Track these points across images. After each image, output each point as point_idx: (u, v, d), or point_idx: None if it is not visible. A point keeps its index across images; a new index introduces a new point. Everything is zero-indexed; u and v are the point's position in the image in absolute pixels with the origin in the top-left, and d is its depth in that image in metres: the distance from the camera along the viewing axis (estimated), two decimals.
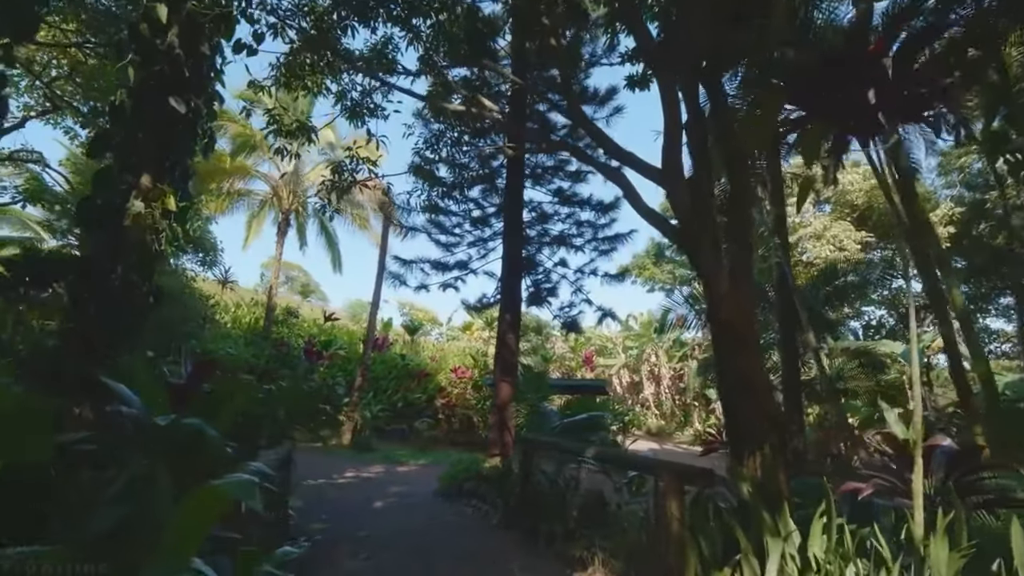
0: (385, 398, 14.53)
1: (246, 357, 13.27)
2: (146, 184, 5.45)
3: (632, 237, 9.62)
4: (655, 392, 23.23)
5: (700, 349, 23.96)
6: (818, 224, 17.98)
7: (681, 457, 15.04)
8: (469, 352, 18.94)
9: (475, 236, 10.37)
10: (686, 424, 22.31)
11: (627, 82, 8.47)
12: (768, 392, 4.10)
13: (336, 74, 7.65)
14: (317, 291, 43.38)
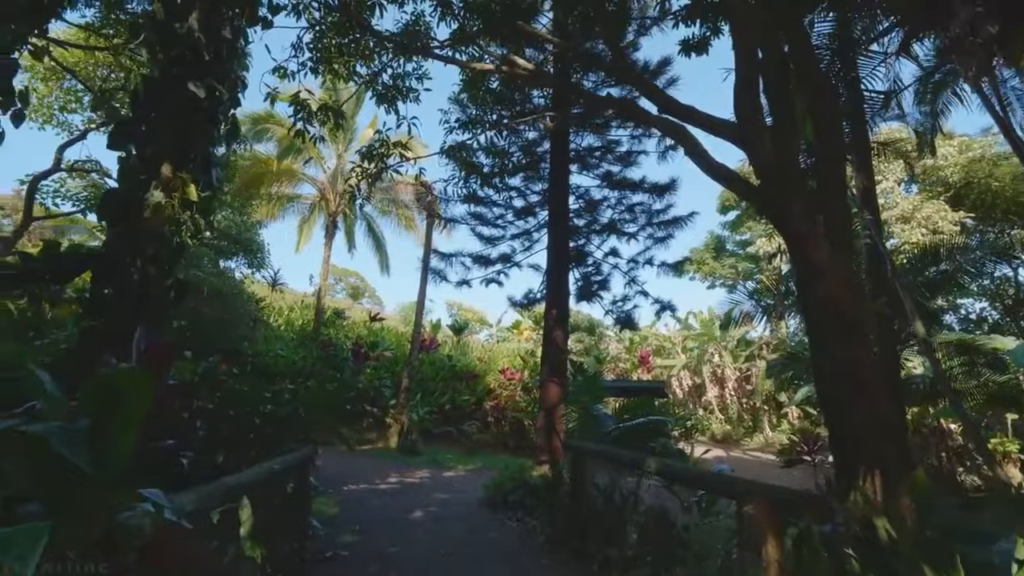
0: (432, 400, 14.14)
1: (294, 359, 13.27)
2: (166, 174, 5.20)
3: (692, 221, 8.62)
4: (719, 395, 21.65)
5: (768, 348, 22.16)
6: (906, 205, 15.98)
7: (752, 467, 13.69)
8: (518, 353, 18.30)
9: (519, 227, 9.72)
10: (755, 430, 20.62)
11: (681, 47, 7.57)
12: (883, 391, 3.15)
13: (366, 57, 7.25)
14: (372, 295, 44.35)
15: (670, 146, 9.17)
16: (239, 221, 12.76)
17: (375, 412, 12.76)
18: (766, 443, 19.83)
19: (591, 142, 9.40)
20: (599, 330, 25.62)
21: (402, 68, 7.80)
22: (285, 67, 6.14)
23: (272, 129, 14.44)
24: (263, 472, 3.02)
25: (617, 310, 9.38)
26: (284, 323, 17.35)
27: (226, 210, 14.42)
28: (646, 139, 9.22)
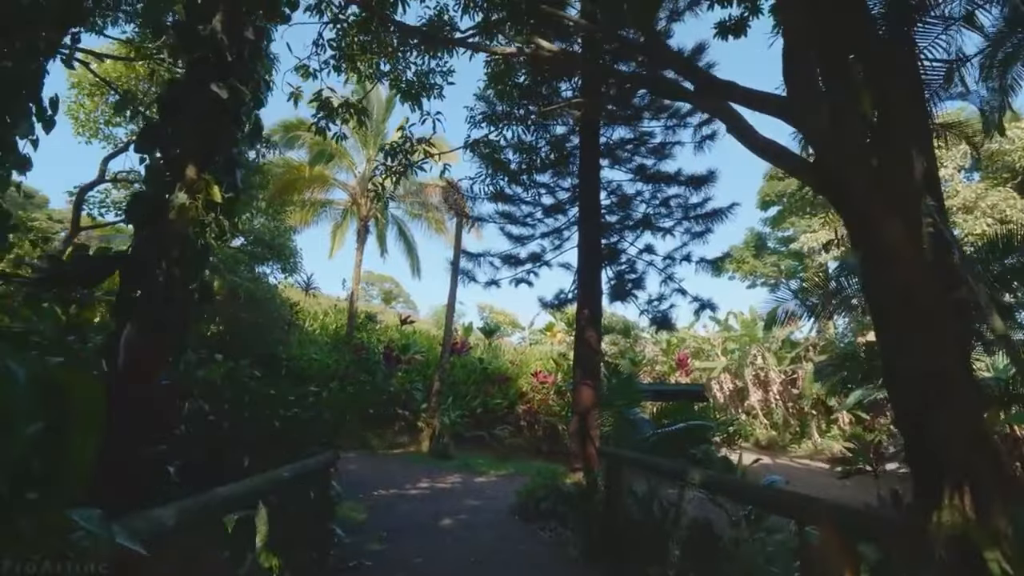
0: (464, 403, 13.96)
1: (328, 362, 13.36)
2: (190, 175, 5.18)
3: (733, 213, 8.12)
4: (763, 399, 20.67)
5: (816, 350, 21.04)
6: (968, 193, 14.82)
7: (802, 476, 12.90)
8: (551, 355, 17.94)
9: (548, 226, 9.43)
10: (802, 436, 19.56)
11: (717, 31, 7.14)
12: (975, 392, 2.71)
13: (389, 55, 7.14)
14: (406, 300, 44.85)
15: (707, 136, 8.72)
16: (272, 227, 12.98)
17: (406, 416, 12.68)
18: (815, 450, 18.77)
19: (622, 135, 9.03)
20: (634, 332, 24.95)
21: (426, 64, 7.68)
22: (307, 65, 6.07)
23: (303, 136, 14.65)
24: (266, 481, 2.81)
25: (653, 310, 8.94)
26: (319, 327, 17.58)
27: (261, 217, 14.72)
28: (681, 129, 8.79)
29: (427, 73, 7.60)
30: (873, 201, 2.76)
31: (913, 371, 2.69)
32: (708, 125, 8.61)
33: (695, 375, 20.62)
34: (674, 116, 8.98)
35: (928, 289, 2.72)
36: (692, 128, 8.64)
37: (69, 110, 11.55)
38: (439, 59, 7.73)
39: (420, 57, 7.60)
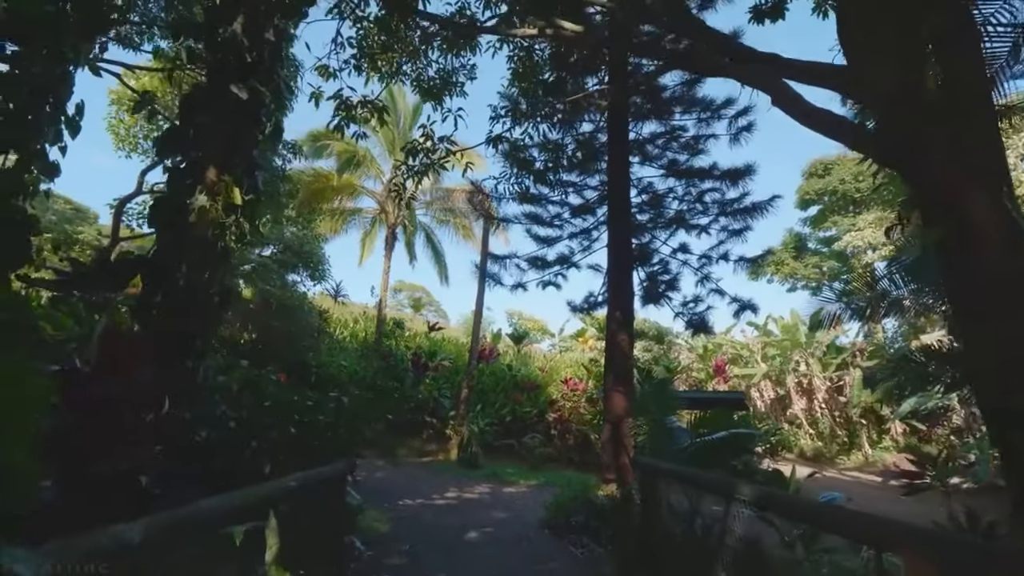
0: (493, 411, 13.70)
1: (356, 369, 13.33)
2: (211, 178, 5.14)
3: (773, 207, 7.61)
4: (807, 408, 19.64)
5: (863, 355, 19.88)
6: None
7: (852, 489, 12.06)
8: (582, 362, 17.51)
9: (576, 226, 9.12)
10: (851, 447, 18.44)
11: (752, 15, 6.73)
12: None
13: (410, 53, 7.02)
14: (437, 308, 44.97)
15: (743, 128, 8.25)
16: (301, 235, 13.11)
17: (434, 424, 12.49)
18: (866, 462, 17.66)
19: (652, 129, 8.66)
20: (668, 338, 24.22)
21: (449, 63, 7.54)
22: (327, 65, 5.99)
23: (331, 145, 14.84)
24: (267, 492, 2.59)
25: (688, 312, 8.49)
26: (349, 335, 17.67)
27: (292, 226, 14.91)
28: (715, 122, 8.35)
29: (450, 72, 7.48)
30: (954, 172, 2.37)
31: (1008, 366, 2.27)
32: (744, 116, 8.16)
33: (733, 382, 19.77)
34: (707, 109, 8.56)
35: (1021, 272, 2.30)
36: (727, 120, 8.19)
37: (110, 126, 11.96)
38: (462, 57, 7.61)
39: (443, 56, 7.49)
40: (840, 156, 22.70)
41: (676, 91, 8.51)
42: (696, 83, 8.42)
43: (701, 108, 8.62)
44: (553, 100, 8.19)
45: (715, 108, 8.46)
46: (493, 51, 7.76)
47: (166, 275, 4.72)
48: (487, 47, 7.70)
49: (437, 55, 7.36)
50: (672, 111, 8.87)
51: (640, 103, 8.78)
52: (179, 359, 4.65)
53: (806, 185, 22.60)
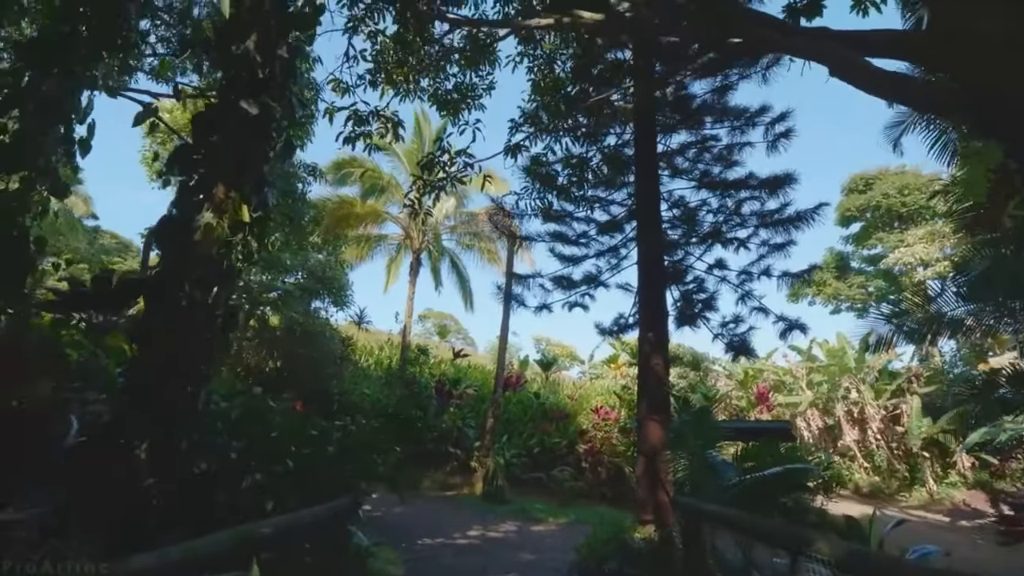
0: (520, 442, 13.05)
1: (379, 397, 12.99)
2: (219, 195, 4.96)
3: (820, 216, 6.98)
4: (860, 439, 18.20)
5: (920, 380, 18.43)
6: None
7: (919, 529, 10.84)
8: (613, 390, 16.72)
9: (603, 244, 8.66)
10: (912, 482, 16.89)
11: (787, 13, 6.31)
12: None
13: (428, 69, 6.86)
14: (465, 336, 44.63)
15: (780, 135, 7.74)
16: (325, 261, 13.06)
17: (459, 455, 11.94)
18: (931, 499, 16.11)
19: (682, 140, 8.22)
20: (704, 364, 23.12)
21: (469, 78, 7.36)
22: (339, 79, 5.84)
23: (356, 172, 14.93)
24: (245, 536, 2.18)
25: (728, 334, 7.83)
26: (374, 362, 17.43)
27: (319, 253, 14.93)
28: (749, 129, 7.86)
29: (469, 87, 7.28)
30: None
31: None
32: (781, 122, 7.66)
33: (777, 411, 18.54)
34: (740, 117, 8.09)
35: None
36: (763, 127, 7.70)
37: (143, 159, 12.30)
38: (481, 72, 7.42)
39: (462, 72, 7.31)
40: (881, 170, 21.65)
41: (706, 99, 8.09)
42: (727, 90, 7.99)
43: (734, 116, 8.16)
44: (575, 112, 7.89)
45: (749, 116, 7.98)
46: (513, 65, 7.57)
47: (168, 295, 4.50)
48: (507, 61, 7.52)
49: (456, 70, 7.20)
50: (702, 121, 8.44)
51: (668, 114, 8.40)
52: (179, 384, 4.36)
53: (846, 201, 21.54)
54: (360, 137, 6.00)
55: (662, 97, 8.00)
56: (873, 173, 21.24)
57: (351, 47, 5.88)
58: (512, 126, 6.55)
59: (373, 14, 5.92)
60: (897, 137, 8.18)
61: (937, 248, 18.19)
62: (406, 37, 6.30)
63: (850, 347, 19.13)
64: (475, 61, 7.25)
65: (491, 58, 7.40)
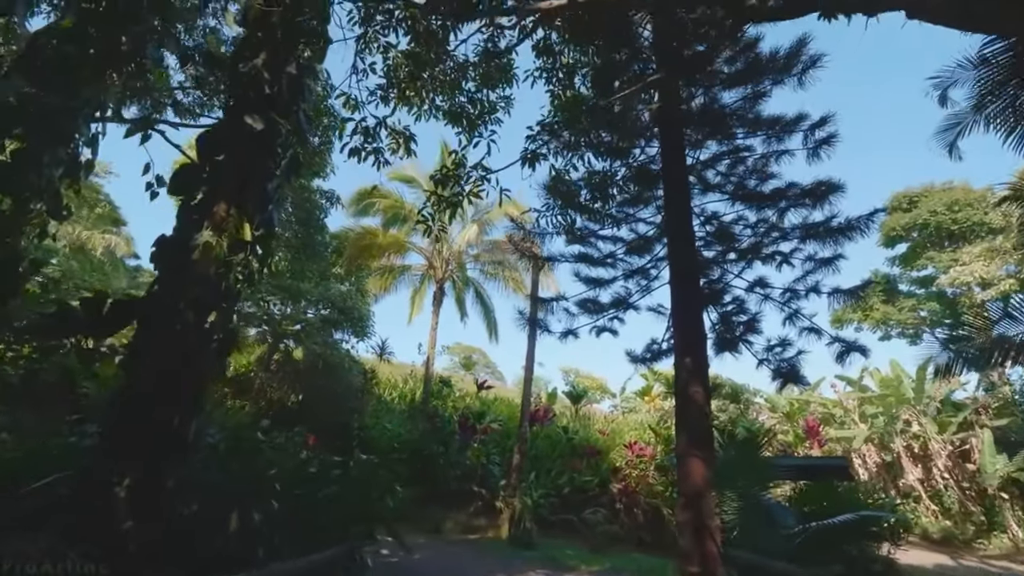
0: (549, 481, 12.23)
1: (400, 432, 12.47)
2: (220, 213, 4.71)
3: (874, 224, 6.28)
4: (923, 477, 16.56)
5: (989, 412, 16.79)
6: None
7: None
8: (648, 424, 15.75)
9: (631, 264, 8.12)
10: (991, 527, 15.11)
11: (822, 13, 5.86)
12: None
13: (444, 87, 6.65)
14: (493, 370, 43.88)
15: (822, 141, 7.16)
16: (346, 292, 12.88)
17: (483, 494, 11.21)
18: (1016, 548, 14.31)
19: (712, 147, 7.73)
20: (744, 396, 21.79)
21: (486, 97, 7.12)
22: (350, 94, 5.63)
23: (377, 202, 14.94)
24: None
25: (775, 359, 7.09)
26: (398, 396, 17.00)
27: (342, 284, 14.80)
28: (787, 137, 7.31)
29: (486, 105, 7.04)
30: None
31: None
32: (822, 127, 7.09)
33: (829, 447, 17.10)
34: (774, 126, 7.57)
35: None
36: (802, 133, 7.15)
37: None
38: (499, 91, 7.18)
39: (479, 91, 7.08)
40: (926, 187, 20.50)
41: (736, 109, 7.62)
42: (759, 98, 7.51)
43: (767, 126, 7.64)
44: (598, 128, 7.53)
45: (787, 124, 7.45)
46: (532, 80, 7.30)
47: (161, 318, 4.19)
48: (525, 77, 7.26)
49: (472, 87, 6.98)
50: (733, 132, 7.95)
51: (696, 126, 7.95)
52: (167, 415, 3.99)
53: (891, 220, 20.38)
54: (370, 153, 5.74)
55: (689, 109, 7.59)
56: (917, 190, 20.11)
57: (360, 60, 5.70)
58: (530, 135, 6.19)
59: (385, 30, 5.76)
60: (952, 140, 7.50)
61: (997, 266, 16.85)
62: (419, 53, 6.11)
63: (906, 375, 17.68)
64: (491, 77, 7.03)
65: (508, 74, 7.18)
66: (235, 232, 4.66)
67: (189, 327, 4.26)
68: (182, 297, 4.29)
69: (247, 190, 4.87)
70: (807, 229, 6.90)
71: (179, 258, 4.48)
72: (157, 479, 3.88)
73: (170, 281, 4.43)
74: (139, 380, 3.97)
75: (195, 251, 4.46)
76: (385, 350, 14.69)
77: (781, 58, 7.22)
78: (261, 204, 4.99)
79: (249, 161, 4.89)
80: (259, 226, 4.91)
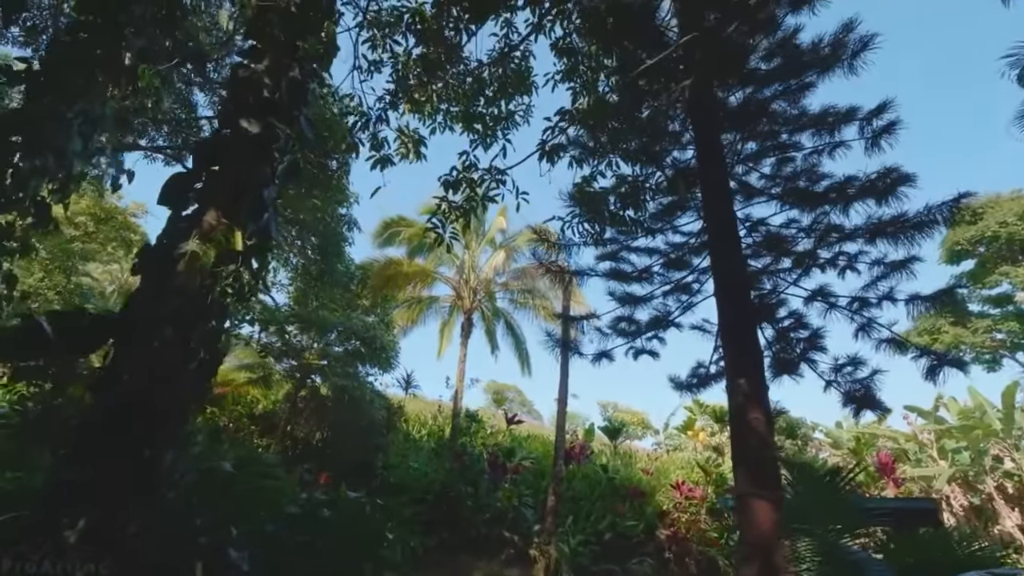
0: (588, 525, 11.12)
1: (426, 471, 11.69)
2: (210, 220, 4.31)
3: (961, 208, 5.31)
4: (1023, 523, 14.36)
5: None
6: None
7: None
8: (696, 461, 14.39)
9: (670, 279, 7.35)
10: None
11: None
12: None
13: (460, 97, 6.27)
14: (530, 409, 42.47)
15: (883, 128, 6.34)
16: (371, 323, 12.46)
17: (515, 540, 10.21)
18: None
19: (751, 147, 6.99)
20: (801, 431, 19.96)
21: (503, 108, 6.71)
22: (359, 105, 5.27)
23: (403, 231, 14.73)
24: None
25: (846, 380, 6.08)
26: (427, 433, 16.27)
27: (368, 316, 14.44)
28: (840, 129, 6.52)
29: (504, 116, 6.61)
30: None
31: None
32: (883, 114, 6.29)
33: (907, 486, 15.18)
34: (824, 121, 6.80)
35: None
36: (859, 122, 6.35)
37: None
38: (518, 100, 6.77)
39: (497, 101, 6.68)
40: (992, 198, 18.83)
41: (778, 104, 6.91)
42: (805, 90, 6.79)
43: (815, 123, 6.89)
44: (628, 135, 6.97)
45: (839, 117, 6.67)
46: (553, 84, 6.86)
47: (137, 334, 3.74)
48: (545, 81, 6.83)
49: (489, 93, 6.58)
50: (776, 131, 7.22)
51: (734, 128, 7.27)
52: (135, 445, 3.46)
53: (953, 235, 18.71)
54: (379, 162, 5.33)
55: (725, 108, 6.95)
56: (981, 201, 18.50)
57: (364, 57, 5.36)
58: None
59: (392, 32, 5.45)
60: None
61: None
62: (429, 56, 5.76)
63: (989, 405, 15.71)
64: (509, 86, 6.63)
65: (527, 82, 6.77)
66: (225, 242, 4.25)
67: (166, 344, 3.80)
68: (162, 311, 3.85)
69: (241, 197, 4.49)
70: (874, 228, 5.99)
71: (163, 269, 4.08)
72: (117, 523, 3.33)
73: (150, 294, 4.01)
74: (103, 405, 3.49)
75: (180, 261, 4.06)
76: (411, 383, 14.10)
77: (825, 46, 6.53)
78: (256, 212, 4.59)
79: (244, 166, 4.54)
80: (253, 235, 4.51)
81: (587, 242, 6.66)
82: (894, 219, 5.88)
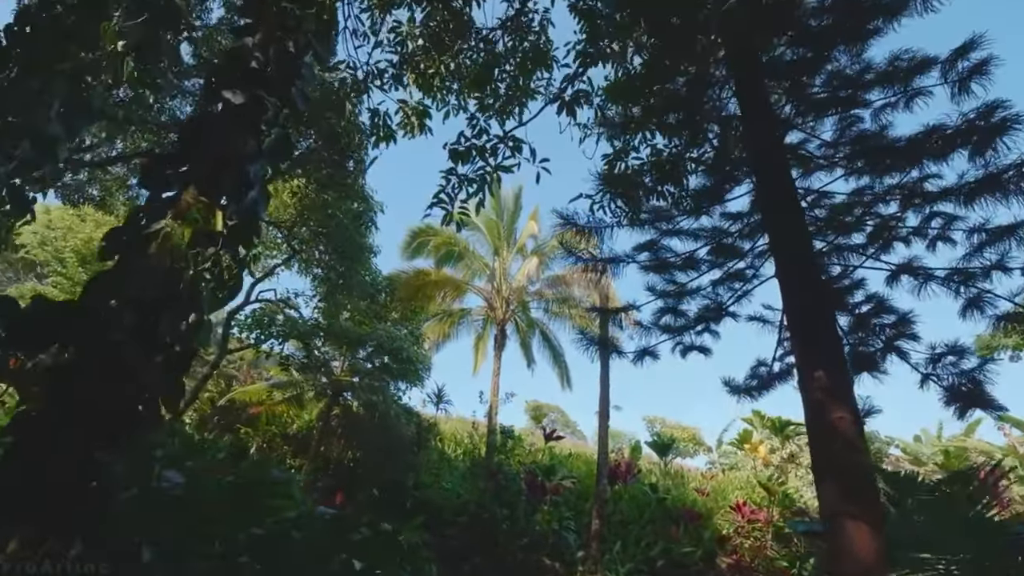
0: (638, 551, 10.02)
1: (459, 491, 10.92)
2: (187, 199, 3.84)
3: None
4: None
5: None
6: None
7: None
8: (758, 479, 12.97)
9: (717, 264, 6.45)
10: None
11: None
12: None
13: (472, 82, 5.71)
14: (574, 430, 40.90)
15: (972, 70, 5.32)
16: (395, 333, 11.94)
17: (557, 568, 9.24)
18: None
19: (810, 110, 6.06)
20: (874, 445, 17.96)
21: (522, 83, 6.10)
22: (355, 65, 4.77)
23: (430, 241, 14.34)
24: None
25: (948, 372, 5.01)
26: (462, 452, 15.52)
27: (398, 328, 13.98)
28: (925, 75, 5.54)
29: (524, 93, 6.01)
30: None
31: None
32: (969, 54, 5.28)
33: (1017, 507, 13.14)
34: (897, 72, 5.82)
35: None
36: (940, 66, 5.35)
37: None
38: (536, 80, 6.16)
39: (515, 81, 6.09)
40: None
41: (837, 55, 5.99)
42: (871, 37, 5.86)
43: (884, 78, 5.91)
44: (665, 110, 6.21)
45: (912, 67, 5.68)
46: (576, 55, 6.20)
47: (91, 324, 3.26)
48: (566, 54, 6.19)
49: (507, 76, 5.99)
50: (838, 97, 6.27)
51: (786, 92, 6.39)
52: (81, 451, 2.93)
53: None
54: (382, 139, 4.80)
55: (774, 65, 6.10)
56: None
57: (359, 21, 4.86)
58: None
59: None
60: None
61: None
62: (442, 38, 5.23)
63: None
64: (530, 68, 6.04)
65: (546, 58, 6.15)
66: (203, 221, 3.76)
67: (126, 333, 3.30)
68: (119, 295, 3.36)
69: (222, 174, 4.02)
70: (972, 186, 4.94)
71: (130, 251, 3.61)
72: (55, 542, 2.78)
73: (112, 280, 3.54)
74: (45, 405, 2.99)
75: (151, 243, 3.58)
76: (442, 398, 13.46)
77: None
78: (239, 189, 4.11)
79: (226, 139, 4.09)
80: (236, 215, 4.02)
81: (621, 223, 5.86)
82: (1002, 171, 4.82)
